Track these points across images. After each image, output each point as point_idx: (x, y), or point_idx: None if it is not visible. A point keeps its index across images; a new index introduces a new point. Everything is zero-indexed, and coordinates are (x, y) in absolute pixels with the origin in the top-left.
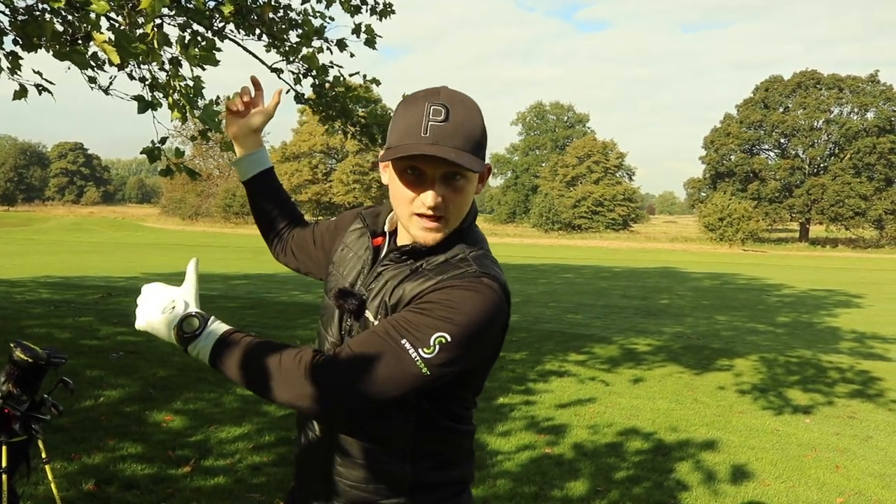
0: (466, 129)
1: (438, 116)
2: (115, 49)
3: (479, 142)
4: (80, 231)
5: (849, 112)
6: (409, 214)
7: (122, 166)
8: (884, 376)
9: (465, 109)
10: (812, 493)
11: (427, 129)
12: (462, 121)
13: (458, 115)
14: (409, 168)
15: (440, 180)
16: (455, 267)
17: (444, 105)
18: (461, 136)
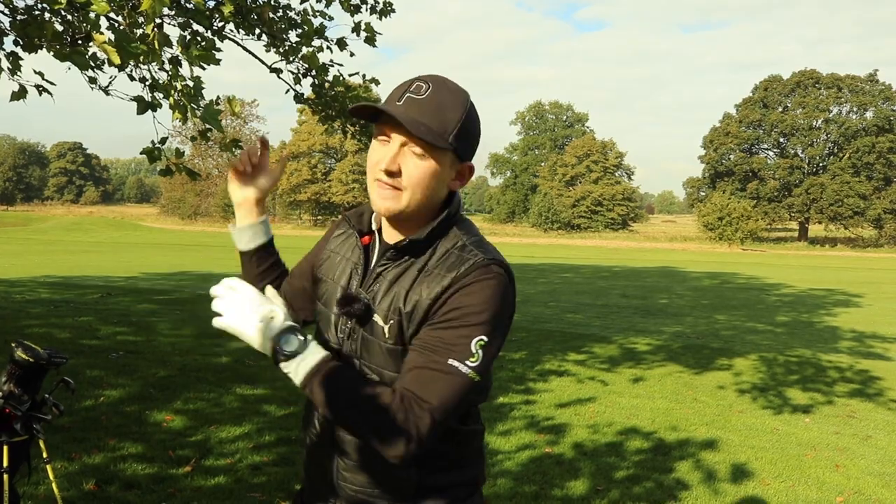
0: (441, 111)
1: (418, 91)
2: (116, 50)
3: (449, 127)
4: (79, 231)
5: (848, 111)
6: (372, 180)
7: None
8: (883, 375)
9: (449, 95)
10: (812, 492)
11: (403, 98)
12: (439, 102)
13: (438, 96)
14: (381, 134)
15: (402, 149)
16: (460, 259)
17: (429, 83)
18: (431, 115)
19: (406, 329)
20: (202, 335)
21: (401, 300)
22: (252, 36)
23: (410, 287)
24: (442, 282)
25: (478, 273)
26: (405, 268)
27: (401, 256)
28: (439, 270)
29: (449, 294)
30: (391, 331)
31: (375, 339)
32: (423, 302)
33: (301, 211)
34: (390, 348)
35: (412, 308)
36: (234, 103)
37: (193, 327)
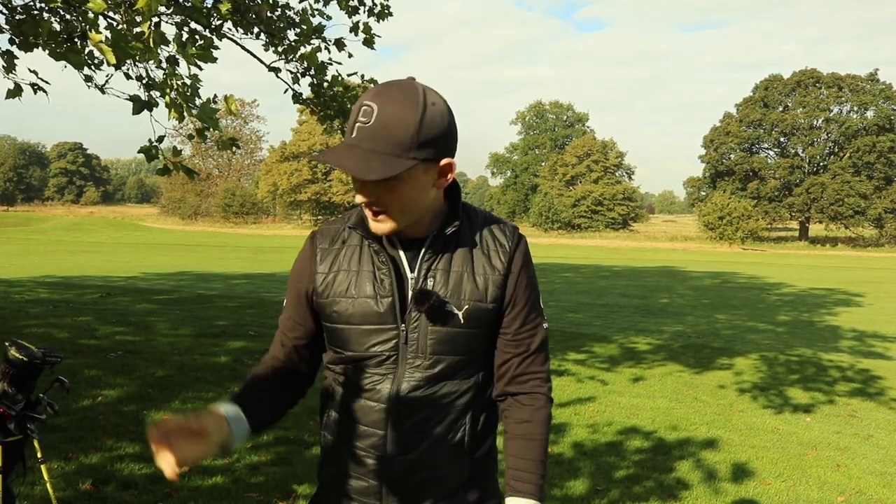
0: (390, 130)
1: (365, 116)
2: (112, 48)
3: (404, 142)
4: (79, 231)
5: (848, 111)
6: (361, 203)
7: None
8: (884, 375)
9: (397, 108)
10: (813, 491)
11: (354, 129)
12: (386, 122)
13: (384, 115)
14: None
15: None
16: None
17: (373, 104)
18: (383, 139)
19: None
20: (201, 335)
21: (471, 283)
22: (250, 35)
23: (472, 268)
24: (501, 257)
25: (521, 243)
26: (451, 253)
27: (440, 244)
28: (490, 245)
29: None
30: (467, 315)
31: (449, 327)
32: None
33: (301, 211)
34: (466, 332)
35: (485, 286)
36: (232, 102)
37: (192, 327)
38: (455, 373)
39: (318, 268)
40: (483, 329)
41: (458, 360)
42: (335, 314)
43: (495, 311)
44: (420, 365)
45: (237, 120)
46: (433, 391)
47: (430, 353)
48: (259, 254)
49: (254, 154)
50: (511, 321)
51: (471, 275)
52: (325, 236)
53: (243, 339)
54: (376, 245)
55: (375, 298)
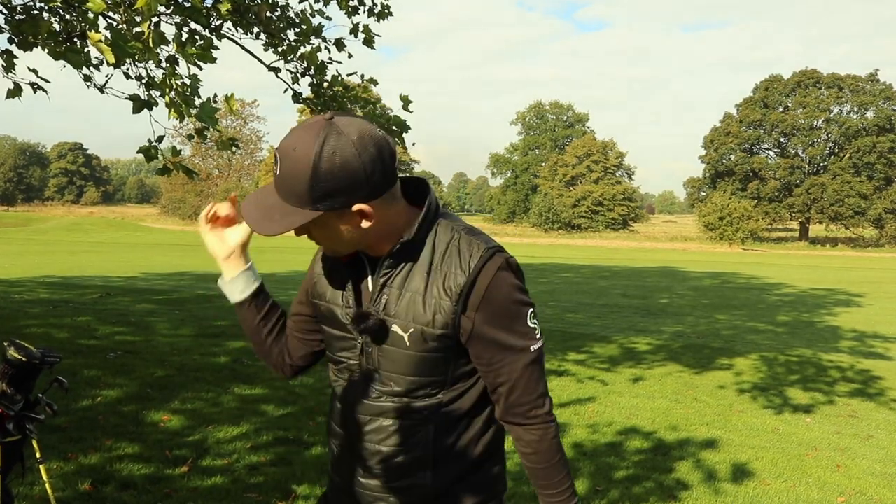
0: (287, 182)
1: (276, 164)
2: (111, 48)
3: (302, 195)
4: (79, 231)
5: (848, 111)
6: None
7: (121, 166)
8: (884, 375)
9: (291, 159)
10: (813, 492)
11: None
12: (285, 173)
13: (285, 167)
14: None
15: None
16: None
17: (279, 153)
18: (284, 189)
19: (430, 335)
20: (201, 335)
21: (419, 306)
22: (250, 35)
23: (426, 289)
24: (457, 279)
25: (486, 267)
26: (408, 271)
27: (399, 262)
28: (449, 267)
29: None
30: (412, 338)
31: (395, 348)
32: (444, 303)
33: None
34: (412, 355)
35: (434, 311)
36: (232, 102)
37: (192, 327)
38: (412, 390)
39: (316, 265)
40: (435, 353)
41: (412, 381)
42: (318, 313)
43: (446, 337)
44: (377, 379)
45: (237, 120)
46: (389, 404)
47: (383, 370)
48: (258, 254)
49: (254, 154)
50: (482, 352)
51: (422, 297)
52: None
53: (243, 340)
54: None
55: (342, 308)
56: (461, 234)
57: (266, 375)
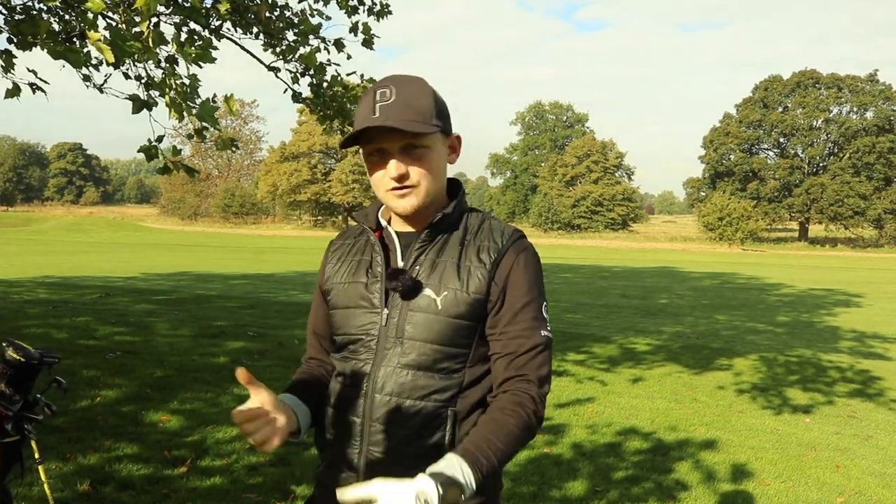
0: (413, 103)
1: (385, 97)
2: (110, 48)
3: (428, 113)
4: (78, 231)
5: (848, 111)
6: (384, 192)
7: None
8: (884, 375)
9: (412, 86)
10: (812, 492)
11: (376, 109)
12: (408, 96)
13: (404, 93)
14: (374, 151)
15: (400, 153)
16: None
17: (390, 86)
18: (408, 110)
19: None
20: (200, 335)
21: (453, 273)
22: (249, 35)
23: (460, 258)
24: (490, 253)
25: (518, 243)
26: (443, 244)
27: (436, 234)
28: (483, 241)
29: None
30: (444, 301)
31: (425, 312)
32: (477, 270)
33: (301, 211)
34: (442, 320)
35: (467, 277)
36: (232, 102)
37: (191, 327)
38: (433, 364)
39: (328, 262)
40: (463, 320)
41: (436, 350)
42: (334, 300)
43: (478, 303)
44: (397, 350)
45: (237, 120)
46: (410, 380)
47: (407, 338)
48: (259, 254)
49: (253, 154)
50: (499, 319)
51: (456, 265)
52: (340, 237)
53: (242, 340)
54: (372, 235)
55: (366, 283)
56: (490, 219)
57: (265, 376)
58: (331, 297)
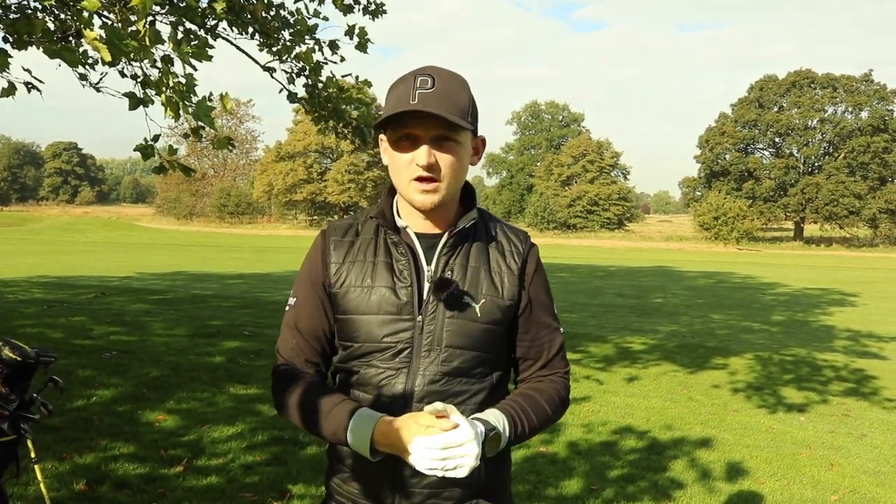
0: (453, 96)
1: (425, 85)
2: (107, 46)
3: (465, 108)
4: (74, 231)
5: (843, 111)
6: (407, 181)
7: (116, 166)
8: (878, 374)
9: (451, 79)
10: (807, 490)
11: (415, 96)
12: (448, 88)
13: (444, 84)
14: (403, 136)
15: (432, 142)
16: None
17: (431, 75)
18: (447, 101)
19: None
20: (196, 335)
21: (485, 280)
22: (245, 35)
23: (489, 265)
24: (515, 258)
25: (534, 249)
26: (468, 248)
27: (459, 240)
28: (503, 244)
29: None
30: (484, 309)
31: (466, 320)
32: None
33: (297, 211)
34: (481, 327)
35: (501, 283)
36: (227, 101)
37: (187, 327)
38: (470, 369)
39: (331, 259)
40: (498, 326)
41: (473, 356)
42: (349, 304)
43: (511, 309)
44: (435, 359)
45: (233, 119)
46: (448, 387)
47: (447, 346)
48: (254, 254)
49: (249, 154)
50: (529, 325)
51: (487, 271)
52: (336, 229)
53: (238, 339)
54: (395, 236)
55: (394, 288)
56: (500, 221)
57: (261, 375)
58: (343, 302)
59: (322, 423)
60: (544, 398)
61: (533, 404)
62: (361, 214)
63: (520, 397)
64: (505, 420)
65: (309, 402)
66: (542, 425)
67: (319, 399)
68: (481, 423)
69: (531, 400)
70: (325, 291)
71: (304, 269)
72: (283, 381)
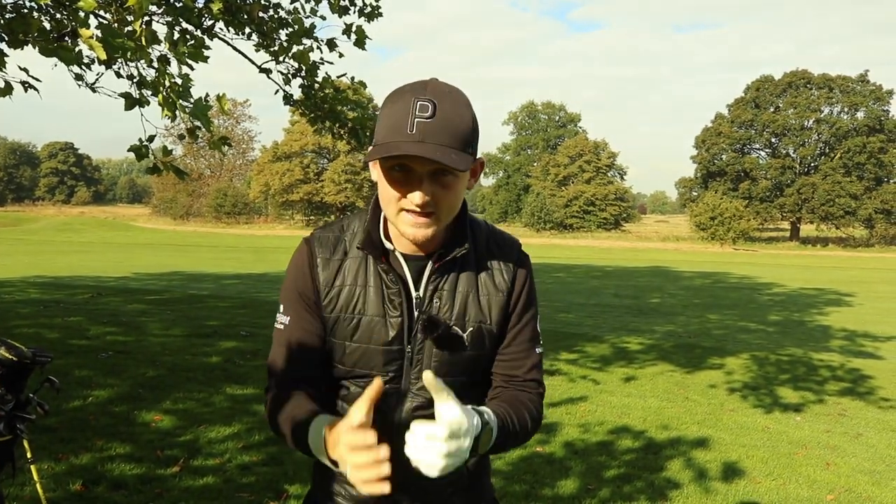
0: (454, 126)
1: (425, 112)
2: (102, 45)
3: (467, 138)
4: (70, 231)
5: (839, 112)
6: (397, 211)
7: (112, 166)
8: (874, 374)
9: (453, 104)
10: (803, 490)
11: (413, 125)
12: (449, 117)
13: (446, 111)
14: (396, 166)
15: (428, 177)
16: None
17: (431, 100)
18: (448, 133)
19: (488, 331)
20: (192, 335)
21: (475, 304)
22: (242, 35)
23: (477, 289)
24: (504, 276)
25: (525, 262)
26: (457, 272)
27: (447, 266)
28: (493, 262)
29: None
30: (471, 338)
31: (455, 351)
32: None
33: (293, 211)
34: (470, 356)
35: (488, 308)
36: (224, 101)
37: (184, 327)
38: (458, 395)
39: (319, 276)
40: (485, 351)
41: (461, 382)
42: (339, 331)
43: (498, 333)
44: (423, 386)
45: (229, 120)
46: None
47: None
48: (251, 254)
49: (246, 154)
50: (509, 342)
51: (475, 296)
52: (323, 244)
53: (235, 340)
54: (385, 265)
55: (384, 317)
56: (490, 232)
57: (257, 375)
58: (333, 327)
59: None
60: (526, 409)
61: (517, 411)
62: (348, 227)
63: (505, 402)
64: (495, 418)
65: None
66: (521, 437)
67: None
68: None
69: (516, 407)
70: (318, 307)
71: (291, 286)
72: (275, 406)
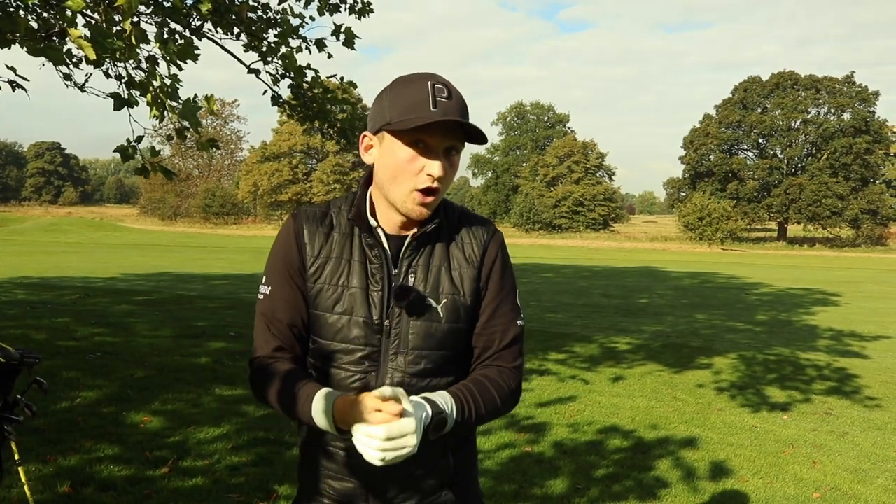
0: (465, 108)
1: (443, 94)
2: (91, 45)
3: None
4: (57, 231)
5: (826, 112)
6: (409, 190)
7: (100, 166)
8: (860, 373)
9: (458, 91)
10: (789, 488)
11: (436, 103)
12: (461, 101)
13: (457, 96)
14: (419, 141)
15: (443, 153)
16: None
17: (445, 85)
18: (462, 111)
19: (462, 303)
20: (181, 336)
21: (446, 279)
22: (230, 35)
23: (449, 263)
24: (475, 250)
25: (496, 237)
26: (431, 248)
27: (421, 242)
28: (463, 238)
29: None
30: (445, 309)
31: (430, 322)
32: (467, 272)
33: (282, 211)
34: (445, 327)
35: (461, 281)
36: (212, 102)
37: (172, 328)
38: (436, 369)
39: (306, 247)
40: (461, 324)
41: (440, 356)
42: (322, 302)
43: (472, 305)
44: (402, 361)
45: (217, 120)
46: (416, 388)
47: (412, 348)
48: (240, 254)
49: (234, 154)
50: (485, 315)
51: (448, 269)
52: (310, 217)
53: (223, 340)
54: (371, 238)
55: (366, 290)
56: (463, 213)
57: (246, 376)
58: (316, 298)
59: (297, 409)
60: (494, 386)
61: (482, 390)
62: (335, 205)
63: (470, 382)
64: (453, 403)
65: (284, 390)
66: (490, 414)
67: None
68: (429, 404)
69: (480, 385)
70: (302, 278)
71: (276, 256)
72: (260, 374)
